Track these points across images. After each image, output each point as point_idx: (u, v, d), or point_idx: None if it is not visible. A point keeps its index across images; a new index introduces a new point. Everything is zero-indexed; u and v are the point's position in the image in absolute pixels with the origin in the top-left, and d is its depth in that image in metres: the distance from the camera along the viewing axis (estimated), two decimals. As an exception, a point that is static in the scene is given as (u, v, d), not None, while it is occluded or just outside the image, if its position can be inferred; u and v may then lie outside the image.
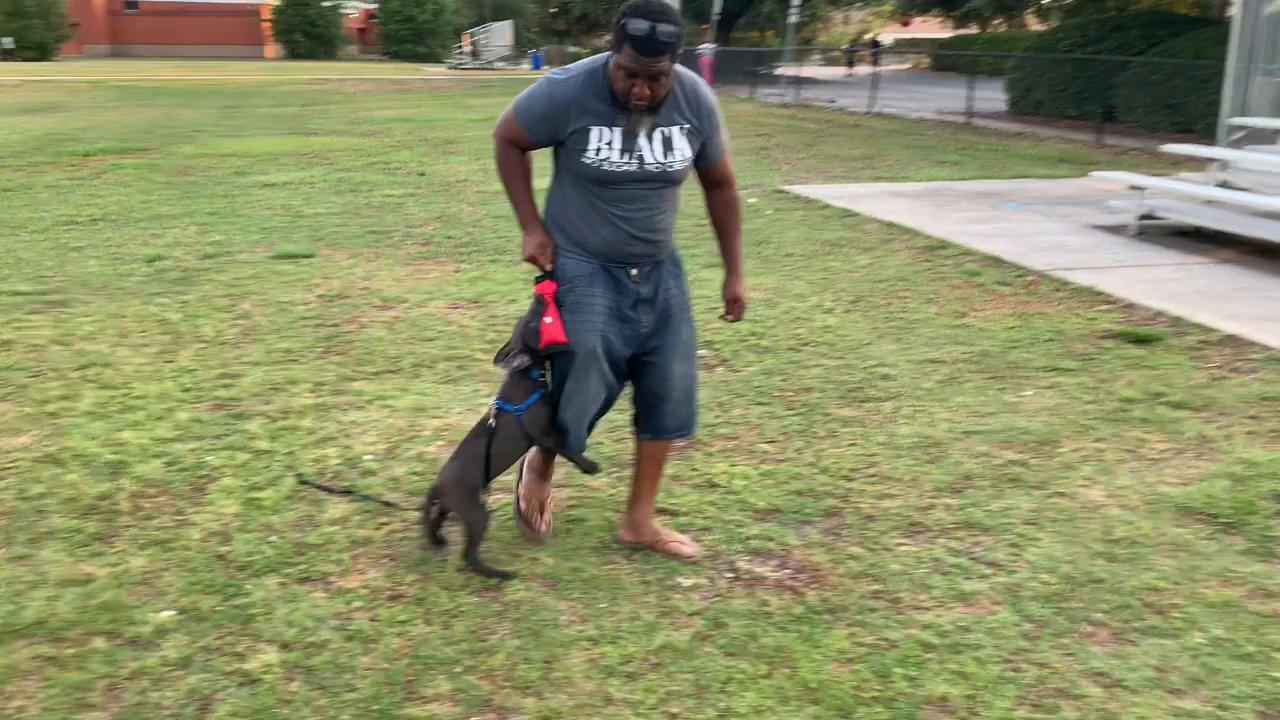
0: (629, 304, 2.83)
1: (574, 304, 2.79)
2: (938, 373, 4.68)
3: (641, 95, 2.58)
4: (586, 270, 2.80)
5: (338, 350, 4.95)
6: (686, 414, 3.00)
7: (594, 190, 2.74)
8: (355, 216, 8.61)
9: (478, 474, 2.92)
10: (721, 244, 3.05)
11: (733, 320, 3.08)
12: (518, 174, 2.86)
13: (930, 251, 7.30)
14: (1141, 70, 16.73)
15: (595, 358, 2.80)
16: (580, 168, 2.72)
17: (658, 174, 2.73)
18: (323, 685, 2.43)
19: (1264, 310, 5.74)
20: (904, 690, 2.42)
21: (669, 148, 2.72)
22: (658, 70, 2.55)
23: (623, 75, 2.58)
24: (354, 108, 21.26)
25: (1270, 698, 2.40)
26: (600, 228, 2.76)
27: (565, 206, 2.82)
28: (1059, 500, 3.40)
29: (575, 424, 2.92)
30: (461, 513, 2.94)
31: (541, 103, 2.73)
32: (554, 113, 2.70)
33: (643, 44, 2.50)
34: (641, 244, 2.79)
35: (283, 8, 61.27)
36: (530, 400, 2.90)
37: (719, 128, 2.85)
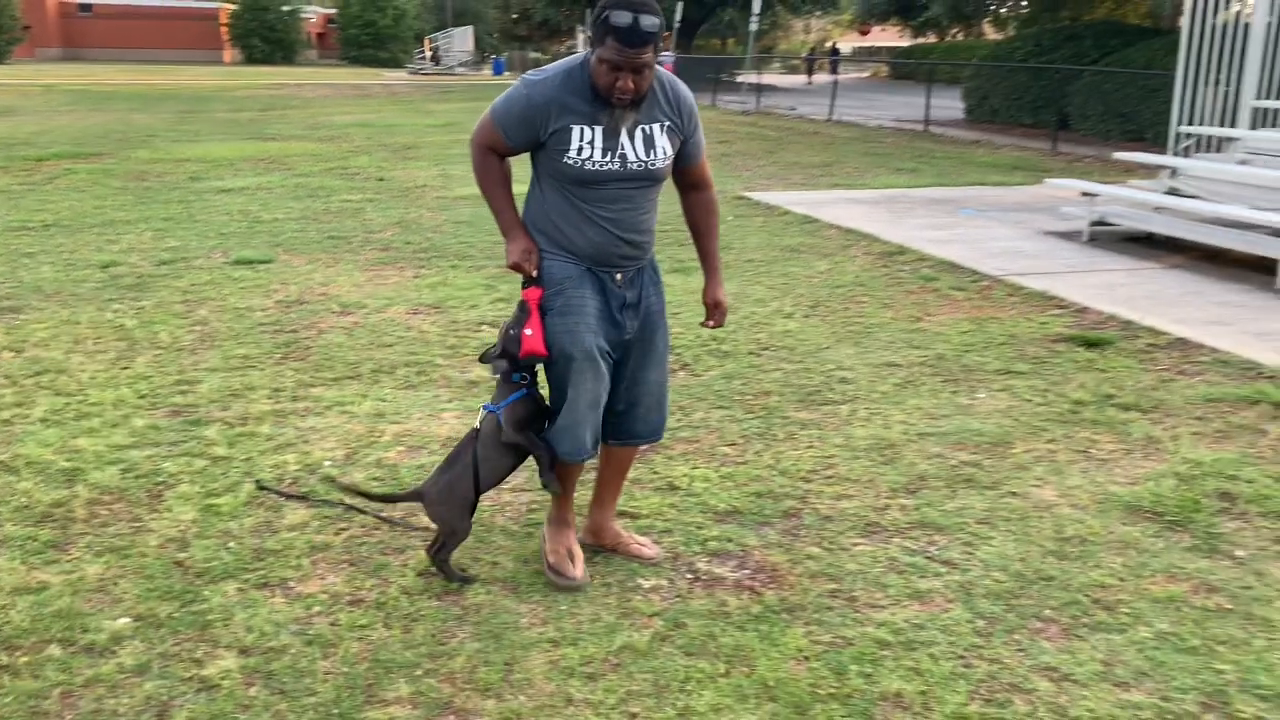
0: (616, 308, 2.78)
1: (565, 306, 2.72)
2: (894, 376, 4.74)
3: (625, 89, 2.54)
4: (575, 272, 2.74)
5: (296, 356, 4.93)
6: (658, 420, 2.97)
7: (576, 192, 2.69)
8: (314, 222, 8.56)
9: (469, 484, 2.86)
10: (700, 247, 2.99)
11: (714, 326, 3.00)
12: (497, 180, 2.80)
13: (887, 257, 7.39)
14: (1095, 79, 17.05)
15: (593, 359, 2.73)
16: (562, 169, 2.67)
17: (641, 172, 2.69)
18: (282, 690, 2.43)
19: (1211, 314, 5.88)
20: (860, 687, 2.46)
21: (650, 146, 2.68)
22: (641, 63, 2.51)
23: (605, 69, 2.53)
24: (313, 113, 21.11)
25: (1212, 689, 2.47)
26: (585, 230, 2.71)
27: (546, 210, 2.76)
28: (1011, 500, 3.47)
29: (575, 430, 2.78)
30: (447, 522, 2.87)
31: (519, 104, 2.67)
32: (533, 114, 2.64)
33: (626, 35, 2.47)
34: (627, 246, 2.75)
35: (240, 12, 60.72)
36: (510, 399, 2.83)
37: (698, 126, 2.82)
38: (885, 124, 20.51)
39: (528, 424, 2.84)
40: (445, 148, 14.67)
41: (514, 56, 53.97)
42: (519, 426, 2.82)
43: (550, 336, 2.72)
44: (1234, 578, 2.98)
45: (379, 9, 62.09)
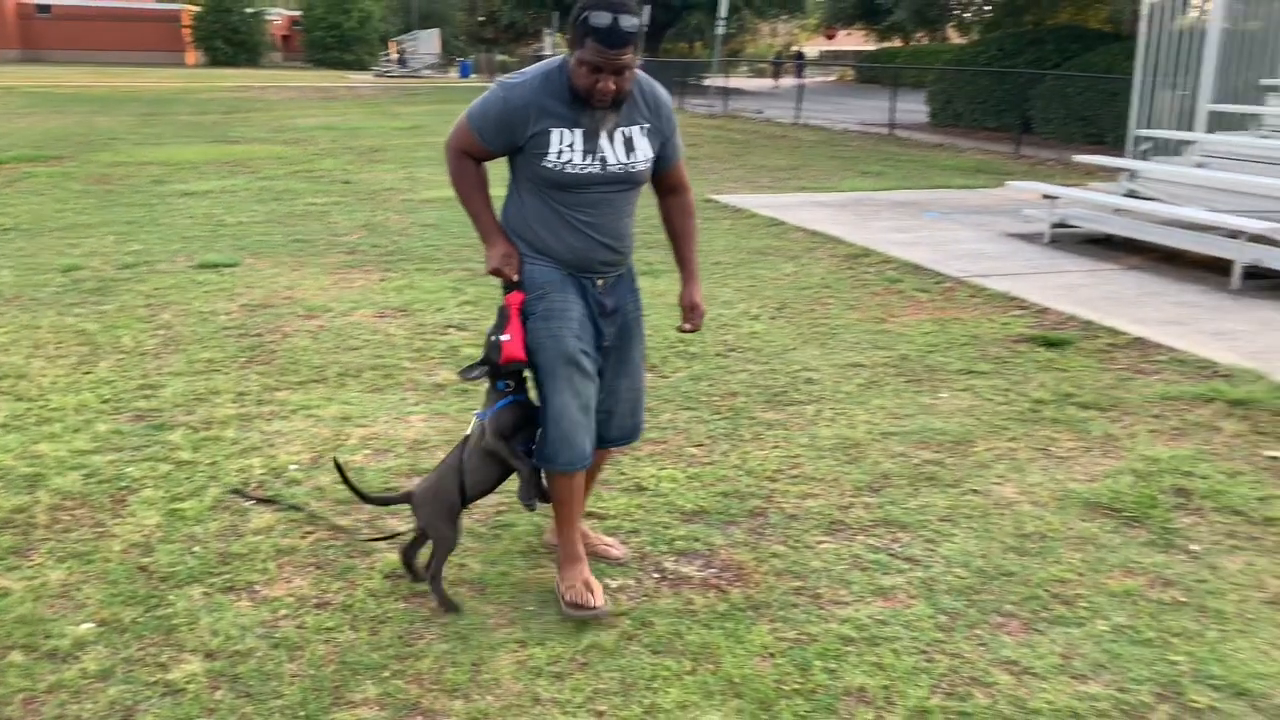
0: (597, 314, 2.76)
1: (548, 310, 2.68)
2: (859, 376, 4.79)
3: (606, 91, 2.50)
4: (557, 277, 2.70)
5: (261, 360, 4.90)
6: (632, 425, 2.95)
7: (555, 196, 2.65)
8: (279, 225, 8.51)
9: (454, 486, 2.80)
10: (678, 251, 2.96)
11: (690, 330, 2.96)
12: (474, 185, 2.75)
13: (853, 259, 7.46)
14: (1056, 83, 17.28)
15: (578, 364, 2.69)
16: (541, 173, 2.63)
17: (621, 175, 2.66)
18: (248, 693, 2.42)
19: (1168, 314, 5.99)
20: (824, 682, 2.49)
21: (630, 148, 2.66)
22: (622, 64, 2.49)
23: (585, 71, 2.50)
24: (277, 115, 20.96)
25: (1167, 680, 2.52)
26: (566, 235, 2.67)
27: (525, 216, 2.71)
28: (973, 497, 3.52)
29: (571, 438, 2.71)
30: (434, 527, 2.82)
31: (496, 108, 2.62)
32: (511, 117, 2.60)
33: (606, 36, 2.44)
34: (608, 251, 2.72)
35: (203, 14, 60.10)
36: (496, 406, 2.77)
37: (676, 129, 2.80)
38: (851, 127, 20.67)
39: (513, 433, 2.77)
40: (411, 150, 14.63)
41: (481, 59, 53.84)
42: (502, 435, 2.75)
43: (533, 342, 2.68)
44: (1189, 572, 3.05)
45: (344, 11, 61.71)
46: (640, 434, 3.03)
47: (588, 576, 2.82)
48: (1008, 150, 16.08)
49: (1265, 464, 3.83)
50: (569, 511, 2.83)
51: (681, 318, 2.96)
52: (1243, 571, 3.05)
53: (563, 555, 2.86)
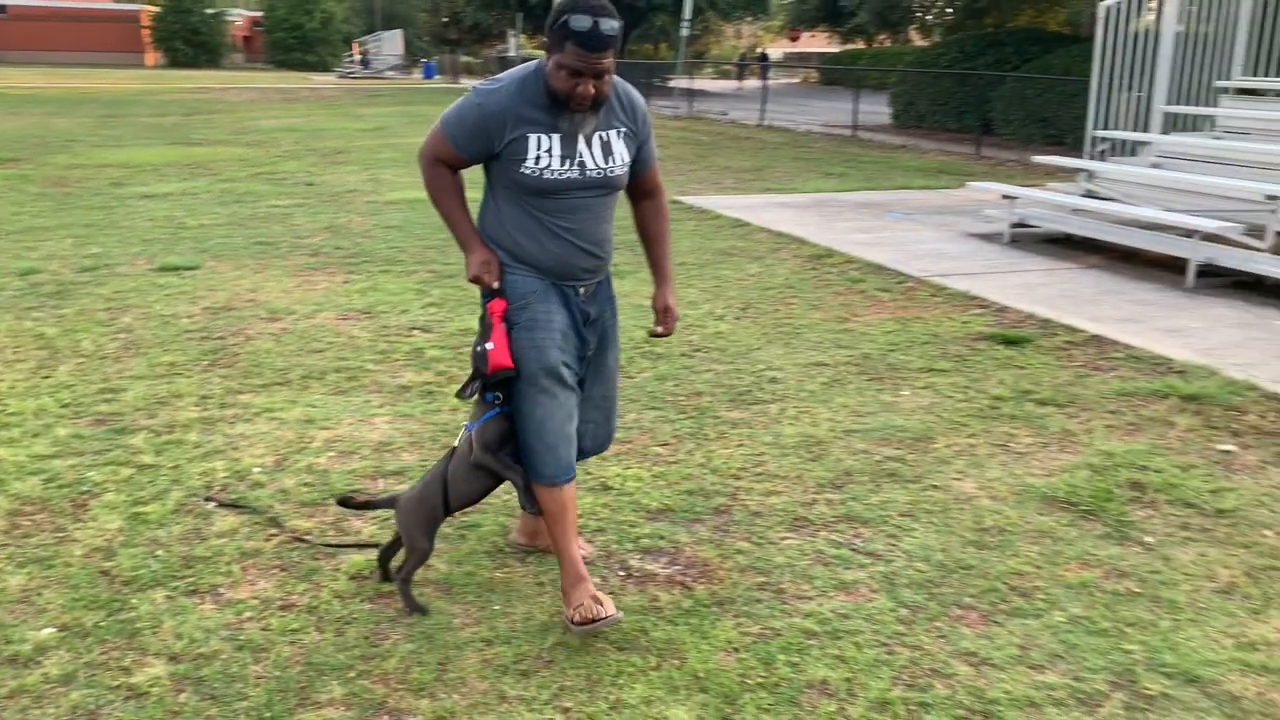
0: (581, 323, 2.72)
1: (531, 320, 2.63)
2: (822, 375, 4.84)
3: (585, 95, 2.47)
4: (539, 286, 2.65)
5: (224, 363, 4.87)
6: (604, 434, 2.94)
7: (534, 203, 2.61)
8: (241, 228, 8.44)
9: (438, 496, 2.77)
10: (651, 254, 2.93)
11: (663, 333, 2.90)
12: (450, 193, 2.70)
13: (816, 260, 7.53)
14: (1016, 85, 17.50)
15: (560, 376, 2.65)
16: (519, 179, 2.58)
17: (600, 180, 2.63)
18: (213, 695, 2.42)
19: (1125, 312, 6.09)
20: (787, 676, 2.53)
21: (609, 152, 2.63)
22: (602, 68, 2.46)
23: (565, 75, 2.47)
24: (239, 117, 20.77)
25: (1121, 669, 2.58)
26: (547, 242, 2.63)
27: (504, 223, 2.67)
28: (933, 493, 3.58)
29: (556, 451, 2.66)
30: (410, 536, 2.79)
31: (471, 115, 2.58)
32: (487, 124, 2.56)
33: (587, 40, 2.41)
34: (589, 257, 2.69)
35: (163, 14, 59.36)
36: (484, 417, 2.71)
37: (651, 132, 2.78)
38: (815, 129, 20.81)
39: (501, 445, 2.71)
40: (375, 152, 14.55)
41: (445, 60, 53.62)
42: (489, 447, 2.69)
43: (516, 352, 2.62)
44: (1143, 563, 3.11)
45: (306, 12, 61.23)
46: (611, 441, 3.02)
47: (594, 592, 2.67)
48: (969, 151, 16.26)
49: (1217, 458, 3.91)
50: (563, 528, 2.71)
51: (654, 321, 2.92)
52: (1195, 562, 3.12)
53: (565, 578, 2.73)
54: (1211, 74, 9.28)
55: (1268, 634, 2.74)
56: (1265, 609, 2.87)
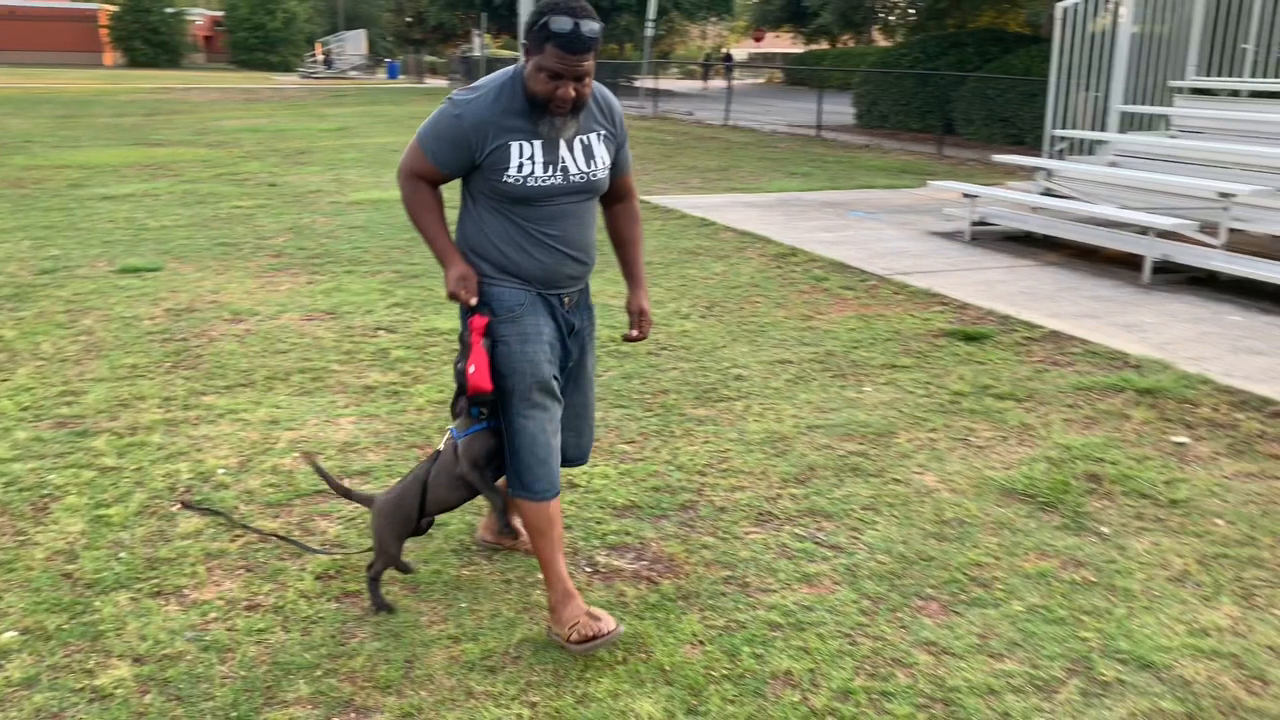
0: (566, 333, 2.69)
1: (522, 334, 2.57)
2: (786, 372, 4.89)
3: (566, 98, 2.42)
4: (526, 298, 2.59)
5: (187, 365, 4.84)
6: (586, 443, 2.90)
7: (518, 212, 2.55)
8: (203, 229, 8.37)
9: (414, 500, 2.73)
10: (624, 257, 2.88)
11: (638, 337, 2.87)
12: (429, 209, 2.62)
13: (781, 258, 7.58)
14: (977, 85, 17.71)
15: (551, 390, 2.60)
16: (502, 189, 2.52)
17: (583, 184, 2.58)
18: (178, 696, 2.41)
19: (1083, 308, 6.20)
20: (751, 667, 2.56)
21: (590, 156, 2.59)
22: (583, 70, 2.41)
23: (545, 78, 2.41)
24: (200, 117, 20.56)
25: (1078, 655, 2.64)
26: (533, 252, 2.57)
27: (487, 234, 2.59)
28: (895, 486, 3.63)
29: (548, 465, 2.61)
30: (381, 539, 2.76)
31: (449, 127, 2.51)
32: (467, 135, 2.49)
33: (568, 42, 2.36)
34: (576, 264, 2.64)
35: (121, 13, 58.65)
36: (469, 430, 2.66)
37: (627, 135, 2.75)
38: (779, 129, 20.93)
39: (487, 462, 2.66)
40: (339, 152, 14.47)
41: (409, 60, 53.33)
42: (475, 463, 2.65)
43: (507, 366, 2.56)
44: (1099, 553, 3.18)
45: (268, 11, 60.70)
46: (590, 451, 2.96)
47: (587, 608, 2.63)
48: (931, 151, 16.43)
49: (1171, 449, 4.00)
50: (549, 543, 2.65)
51: (629, 324, 2.88)
52: (1149, 551, 3.19)
53: (554, 595, 2.66)
54: (1166, 74, 9.45)
55: (1218, 620, 2.81)
56: (1216, 596, 2.94)
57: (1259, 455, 3.95)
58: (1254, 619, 2.82)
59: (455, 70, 44.84)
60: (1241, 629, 2.77)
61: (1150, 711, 2.41)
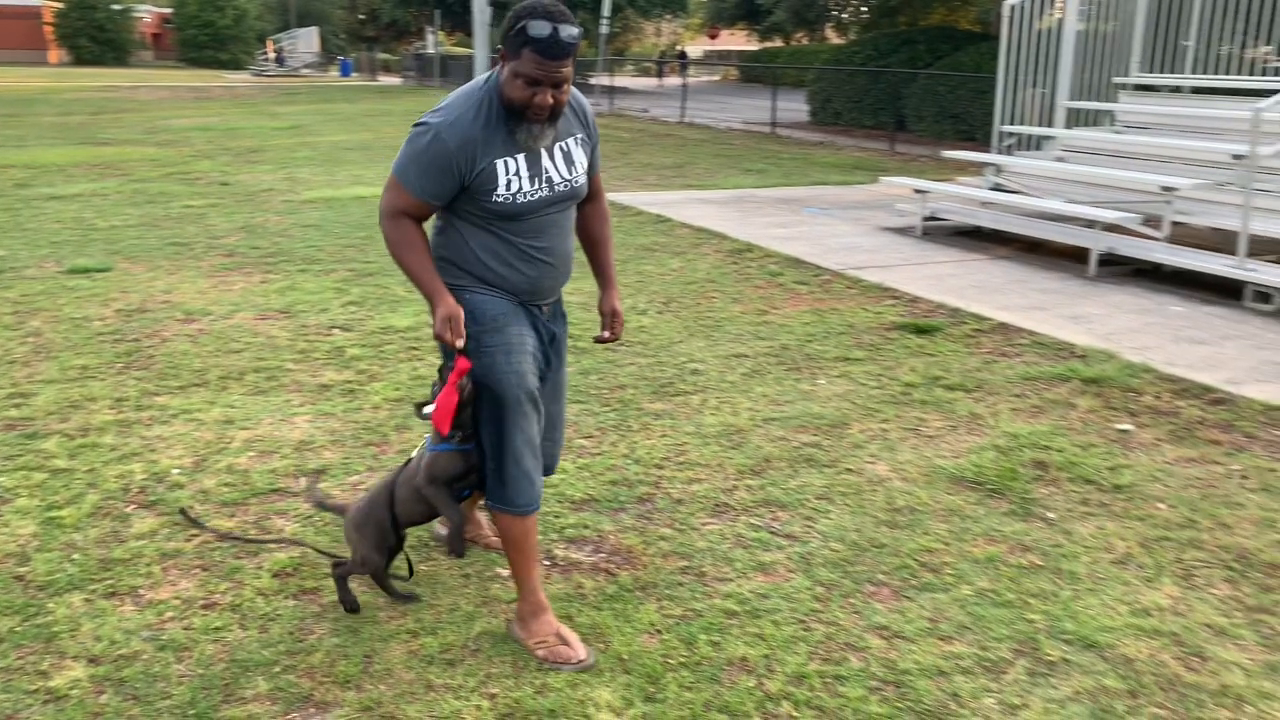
0: (545, 343, 2.66)
1: (507, 345, 2.50)
2: (742, 366, 4.94)
3: (544, 104, 2.34)
4: (509, 308, 2.54)
5: (139, 365, 4.79)
6: (558, 450, 2.87)
7: (505, 227, 2.48)
8: (154, 228, 8.27)
9: (384, 509, 2.67)
10: (595, 258, 2.85)
11: (611, 338, 2.82)
12: (414, 248, 2.48)
13: (737, 254, 7.65)
14: (928, 82, 17.91)
15: (536, 402, 2.56)
16: (492, 209, 2.45)
17: (566, 192, 2.54)
18: (135, 695, 2.41)
19: (1031, 301, 6.32)
20: (708, 654, 2.60)
21: (570, 162, 2.53)
22: (561, 76, 2.33)
23: (522, 84, 2.33)
24: (150, 116, 20.25)
25: (1025, 637, 2.71)
26: (520, 265, 2.52)
27: (468, 248, 2.52)
28: (848, 476, 3.69)
29: (531, 478, 2.57)
30: (353, 545, 2.73)
31: (432, 154, 2.38)
32: (454, 159, 2.38)
33: (547, 47, 2.28)
34: (559, 273, 2.61)
35: (66, 10, 57.51)
36: (437, 447, 2.59)
37: (599, 135, 2.72)
38: (734, 126, 21.04)
39: (450, 481, 2.60)
40: (291, 151, 14.33)
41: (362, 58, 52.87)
42: (434, 479, 2.59)
43: (494, 378, 2.50)
44: (1045, 537, 3.26)
45: (218, 9, 59.84)
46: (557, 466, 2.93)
47: (559, 628, 2.62)
48: (884, 147, 16.61)
49: (1115, 437, 4.10)
50: (525, 556, 2.64)
51: (601, 325, 2.84)
52: (1094, 535, 3.28)
53: (525, 606, 2.65)
54: (1111, 71, 9.64)
55: (1159, 600, 2.90)
56: (1158, 577, 3.03)
57: (1199, 441, 4.06)
58: (1193, 598, 2.91)
59: (409, 68, 44.52)
60: (1181, 608, 2.86)
61: (1094, 689, 2.49)
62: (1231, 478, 3.72)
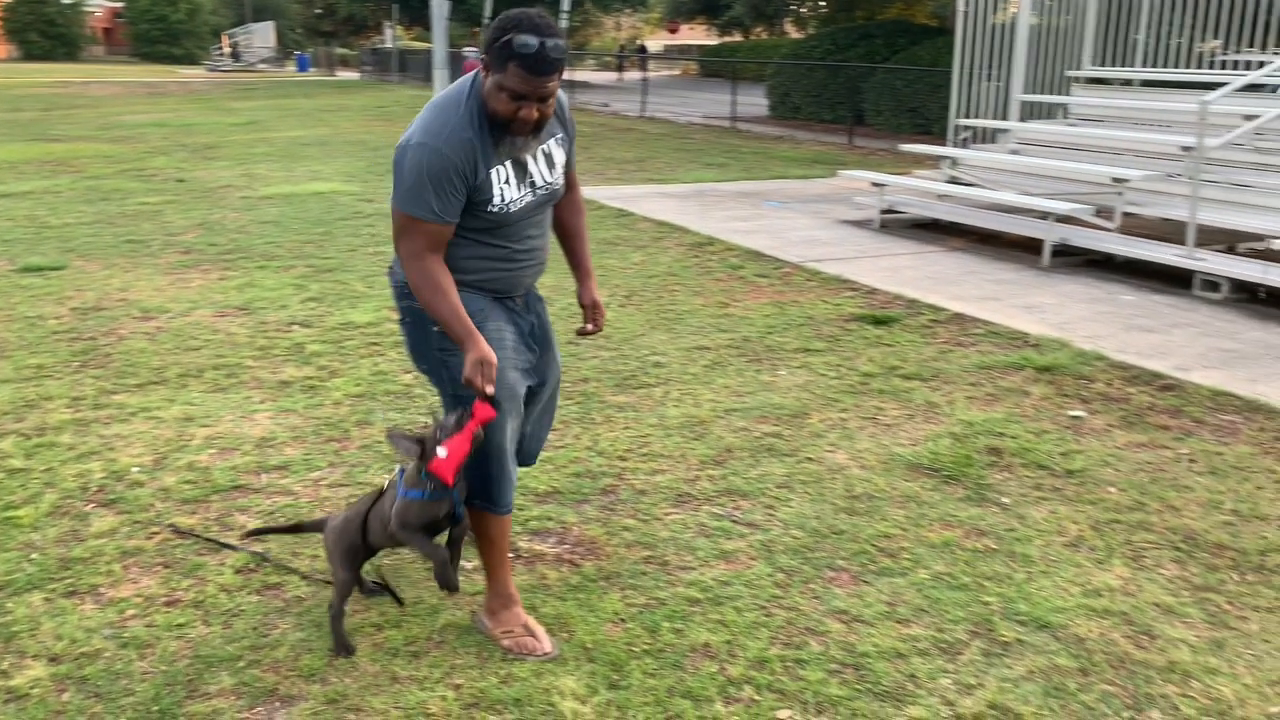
0: (526, 333, 2.64)
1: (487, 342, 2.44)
2: (704, 358, 4.99)
3: (529, 118, 2.30)
4: (485, 304, 2.51)
5: (96, 364, 4.74)
6: (540, 446, 2.88)
7: (494, 235, 2.46)
8: (109, 226, 8.16)
9: (357, 531, 2.60)
10: (572, 250, 2.82)
11: (593, 330, 2.82)
12: (445, 290, 2.38)
13: (698, 248, 7.69)
14: (886, 76, 18.07)
15: (519, 398, 2.57)
16: (484, 219, 2.42)
17: (548, 195, 2.54)
18: (98, 693, 2.40)
19: (986, 291, 6.42)
20: (671, 641, 2.64)
21: (551, 164, 2.52)
22: (548, 91, 2.29)
23: (507, 98, 2.27)
24: (103, 112, 19.95)
25: (980, 618, 2.77)
26: (499, 266, 2.51)
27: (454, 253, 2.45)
28: (808, 464, 3.75)
29: (509, 478, 2.59)
30: (332, 565, 2.66)
31: (438, 173, 2.31)
32: (460, 170, 2.32)
33: (533, 63, 2.23)
34: (538, 269, 2.61)
35: (15, 4, 56.40)
36: (410, 494, 2.47)
37: (575, 130, 2.69)
38: (695, 120, 21.10)
39: (419, 530, 2.50)
40: (249, 147, 14.18)
41: (319, 53, 52.35)
42: (406, 525, 2.48)
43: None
44: (1000, 522, 3.33)
45: (171, 3, 59.01)
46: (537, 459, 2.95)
47: (526, 619, 2.64)
48: (842, 141, 16.74)
49: (1068, 423, 4.19)
50: (499, 552, 2.67)
51: (584, 318, 2.82)
52: (1047, 519, 3.35)
53: (495, 599, 2.67)
54: (1064, 64, 9.79)
55: (1110, 581, 2.97)
56: (1108, 559, 3.11)
57: (1149, 426, 4.16)
58: (1143, 579, 2.99)
59: (367, 62, 44.14)
60: (1131, 589, 2.94)
61: (1047, 668, 2.55)
62: (1180, 461, 3.82)
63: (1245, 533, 3.26)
